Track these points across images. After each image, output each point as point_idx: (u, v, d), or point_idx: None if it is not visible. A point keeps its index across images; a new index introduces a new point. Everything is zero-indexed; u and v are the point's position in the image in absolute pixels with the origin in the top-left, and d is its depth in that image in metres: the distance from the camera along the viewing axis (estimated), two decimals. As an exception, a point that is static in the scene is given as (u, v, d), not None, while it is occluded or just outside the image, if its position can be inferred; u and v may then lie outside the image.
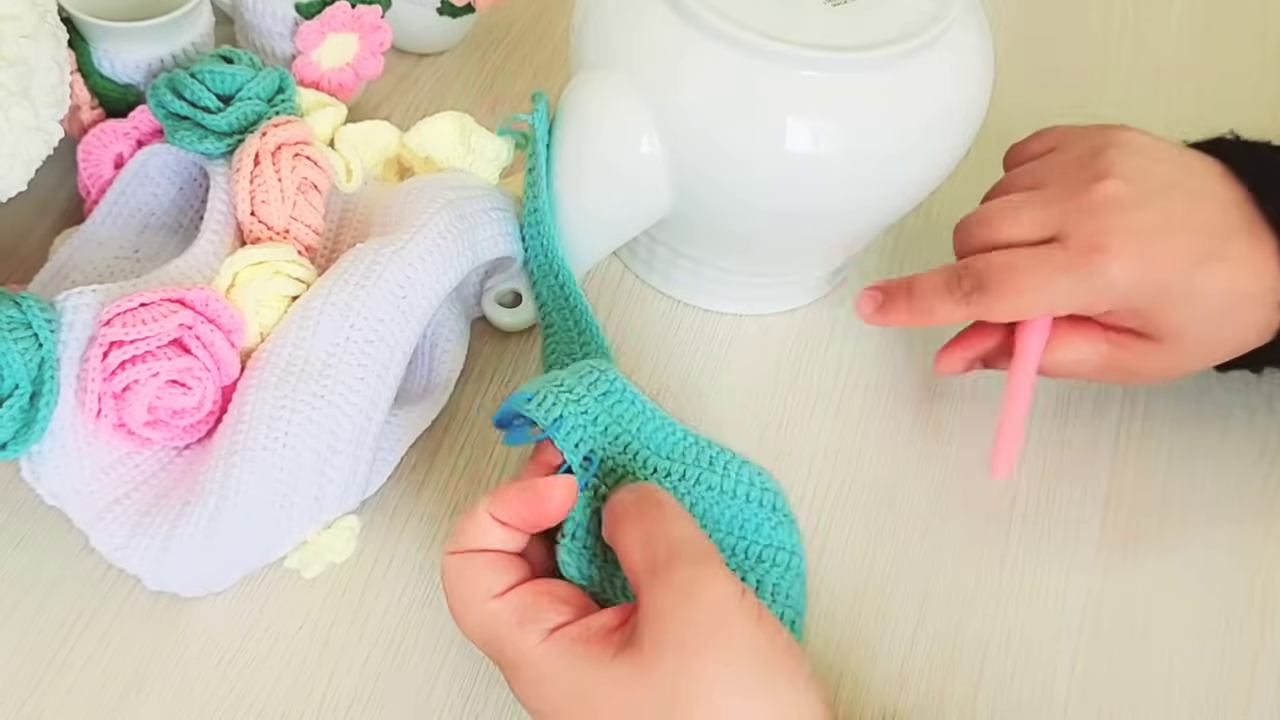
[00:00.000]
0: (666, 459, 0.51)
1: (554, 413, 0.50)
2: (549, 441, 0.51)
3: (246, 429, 0.51)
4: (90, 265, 0.59)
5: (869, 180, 0.56)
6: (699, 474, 0.51)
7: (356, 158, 0.61)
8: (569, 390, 0.51)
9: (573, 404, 0.50)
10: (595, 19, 0.59)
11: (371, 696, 0.52)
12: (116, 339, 0.51)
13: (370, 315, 0.53)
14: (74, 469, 0.52)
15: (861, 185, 0.56)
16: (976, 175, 0.61)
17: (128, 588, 0.53)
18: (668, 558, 0.44)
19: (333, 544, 0.54)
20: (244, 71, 0.60)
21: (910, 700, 0.53)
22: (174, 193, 0.62)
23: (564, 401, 0.50)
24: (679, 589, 0.43)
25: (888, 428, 0.62)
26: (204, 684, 0.52)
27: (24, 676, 0.51)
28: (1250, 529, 0.60)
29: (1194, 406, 0.64)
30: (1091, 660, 0.55)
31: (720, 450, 0.52)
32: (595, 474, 0.50)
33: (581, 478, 0.49)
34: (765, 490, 0.51)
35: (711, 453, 0.52)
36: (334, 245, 0.62)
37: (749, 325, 0.65)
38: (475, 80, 0.75)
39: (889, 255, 0.69)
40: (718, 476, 0.51)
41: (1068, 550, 0.58)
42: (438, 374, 0.60)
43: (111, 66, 0.62)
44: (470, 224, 0.58)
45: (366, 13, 0.66)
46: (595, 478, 0.50)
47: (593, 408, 0.51)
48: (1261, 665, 0.55)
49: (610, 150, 0.57)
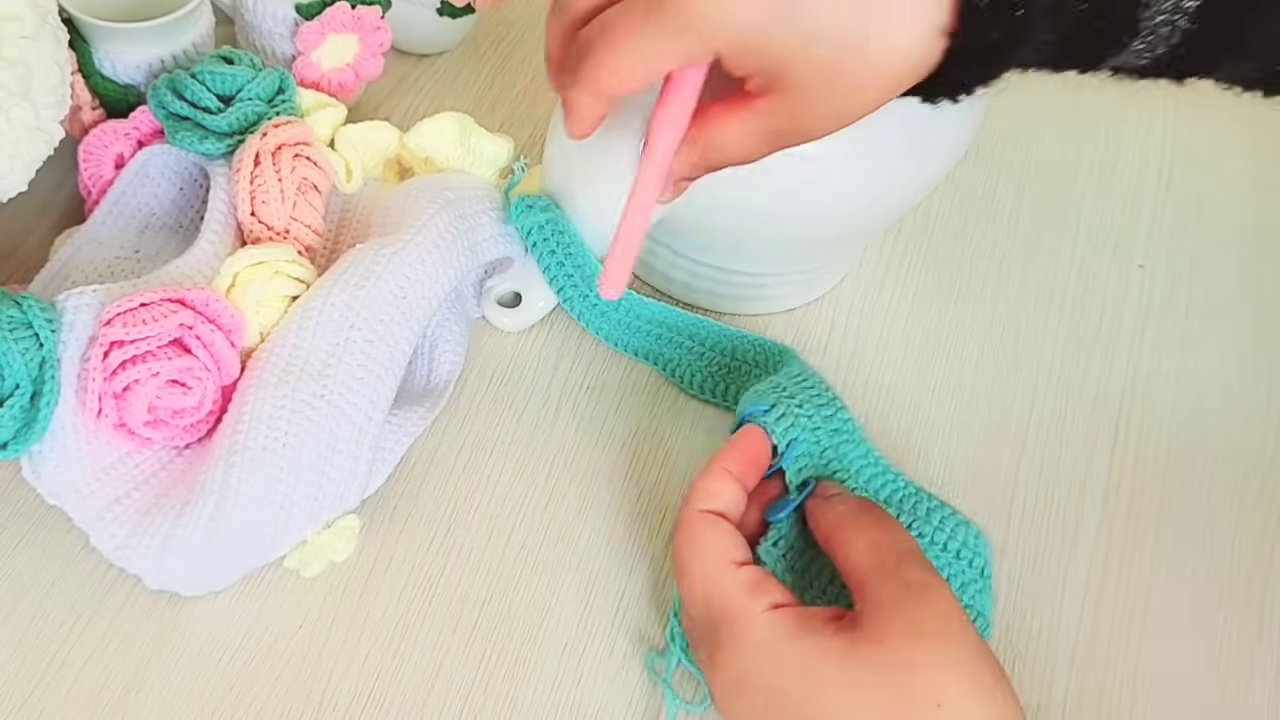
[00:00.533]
0: (884, 504, 0.54)
1: (790, 434, 0.53)
2: (755, 429, 0.54)
3: (246, 429, 0.51)
4: (91, 265, 0.59)
5: (869, 180, 0.56)
6: (912, 521, 0.53)
7: (356, 158, 0.61)
8: (800, 407, 0.54)
9: (807, 430, 0.53)
10: None
11: (371, 696, 0.52)
12: (117, 339, 0.51)
13: (370, 315, 0.53)
14: (74, 468, 0.52)
15: (861, 185, 0.56)
16: (975, 175, 0.61)
17: (128, 587, 0.54)
18: (896, 562, 0.47)
19: (332, 543, 0.54)
20: (244, 72, 0.60)
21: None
22: (174, 193, 0.62)
23: (800, 425, 0.53)
24: (909, 587, 0.46)
25: (887, 426, 0.62)
26: (204, 683, 0.52)
27: (25, 675, 0.51)
28: (1249, 528, 0.60)
29: (1191, 406, 0.64)
30: (1090, 658, 0.55)
31: (938, 504, 0.54)
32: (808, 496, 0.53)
33: (795, 499, 0.53)
34: (977, 553, 0.53)
35: (929, 505, 0.54)
36: (334, 246, 0.62)
37: (748, 325, 0.65)
38: (475, 81, 0.75)
39: (889, 255, 0.69)
40: (931, 528, 0.53)
41: (1066, 548, 0.58)
42: (437, 374, 0.60)
43: (112, 67, 0.62)
44: (470, 224, 0.58)
45: (366, 13, 0.66)
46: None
47: (824, 439, 0.54)
48: (1260, 663, 0.55)
49: (602, 155, 0.57)
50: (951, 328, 0.66)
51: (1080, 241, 0.71)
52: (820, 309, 0.66)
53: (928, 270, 0.68)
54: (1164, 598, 0.57)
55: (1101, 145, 0.76)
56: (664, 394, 0.62)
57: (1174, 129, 0.77)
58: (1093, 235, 0.71)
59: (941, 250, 0.69)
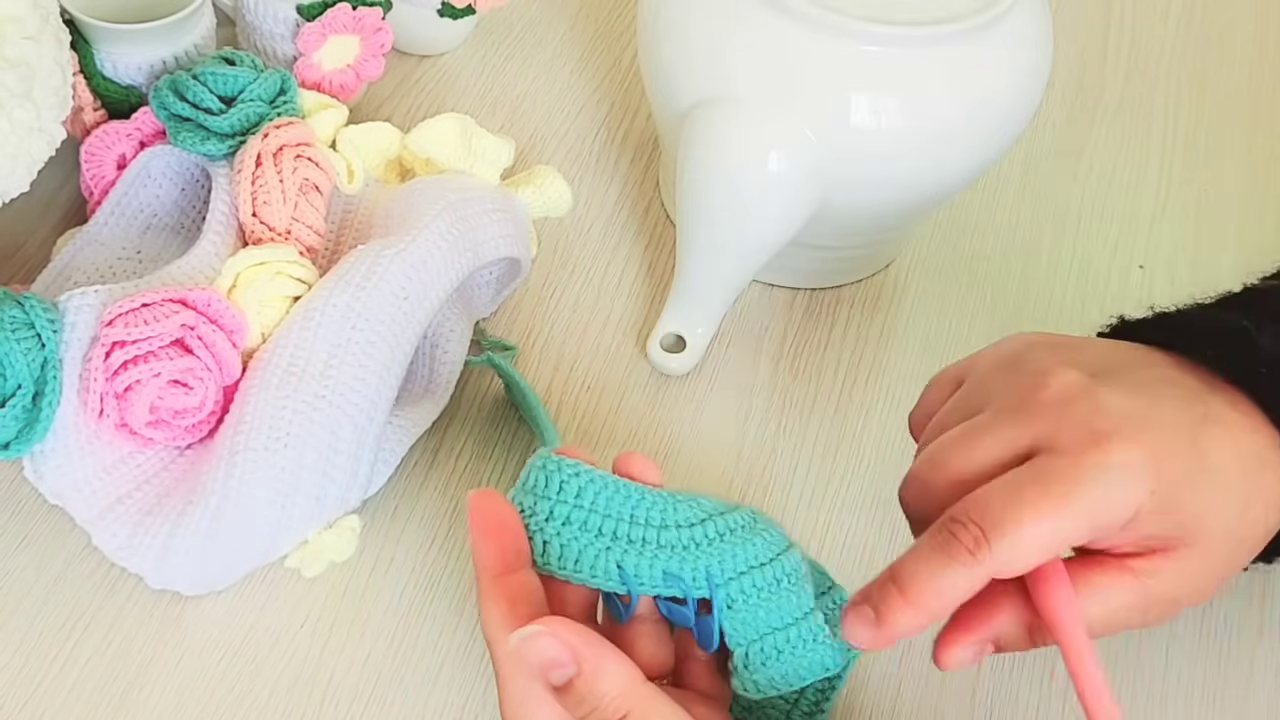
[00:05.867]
0: (785, 578, 0.45)
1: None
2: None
3: (248, 429, 0.51)
4: (93, 266, 0.60)
5: (929, 156, 0.58)
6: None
7: (358, 159, 0.61)
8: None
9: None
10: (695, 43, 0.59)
11: (371, 696, 0.52)
12: (119, 339, 0.51)
13: (371, 316, 0.53)
14: (76, 468, 0.52)
15: (920, 161, 0.58)
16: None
17: (130, 586, 0.54)
18: None
19: (334, 543, 0.54)
20: (246, 73, 0.60)
21: (909, 697, 0.54)
22: (176, 194, 0.62)
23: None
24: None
25: (887, 427, 0.62)
26: (205, 682, 0.52)
27: (27, 674, 0.51)
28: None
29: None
30: (1089, 659, 0.55)
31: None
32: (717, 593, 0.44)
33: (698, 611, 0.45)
34: None
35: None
36: (335, 246, 0.62)
37: (751, 321, 0.65)
38: (476, 82, 0.75)
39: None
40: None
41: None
42: (439, 374, 0.60)
43: (114, 68, 0.62)
44: (471, 225, 0.58)
45: (368, 14, 0.66)
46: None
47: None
48: (1259, 662, 0.56)
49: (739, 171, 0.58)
50: (951, 327, 0.66)
51: (1080, 241, 0.71)
52: (820, 308, 0.66)
53: (928, 270, 0.69)
54: (1164, 597, 0.57)
55: (1102, 145, 0.76)
56: (664, 393, 0.62)
57: (1174, 129, 0.77)
58: (1093, 235, 0.71)
59: (941, 250, 0.69)
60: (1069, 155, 0.75)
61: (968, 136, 0.59)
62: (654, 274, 0.67)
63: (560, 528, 0.44)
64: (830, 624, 0.46)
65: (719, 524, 0.44)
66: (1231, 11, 0.85)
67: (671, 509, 0.44)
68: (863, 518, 0.59)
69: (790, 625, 0.44)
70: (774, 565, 0.44)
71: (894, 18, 0.55)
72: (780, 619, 0.44)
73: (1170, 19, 0.85)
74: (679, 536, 0.44)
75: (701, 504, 0.45)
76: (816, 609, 0.45)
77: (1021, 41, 0.59)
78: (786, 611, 0.44)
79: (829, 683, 0.48)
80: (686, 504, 0.45)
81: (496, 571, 0.42)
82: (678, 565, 0.44)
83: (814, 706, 0.48)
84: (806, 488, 0.60)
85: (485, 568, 0.43)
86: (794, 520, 0.58)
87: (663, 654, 0.45)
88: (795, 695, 0.49)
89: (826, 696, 0.48)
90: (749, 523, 0.45)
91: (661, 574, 0.44)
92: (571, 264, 0.67)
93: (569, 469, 0.44)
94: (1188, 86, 0.80)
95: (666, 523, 0.44)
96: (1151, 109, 0.78)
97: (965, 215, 0.71)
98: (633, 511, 0.44)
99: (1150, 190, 0.74)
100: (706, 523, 0.44)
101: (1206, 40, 0.83)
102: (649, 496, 0.44)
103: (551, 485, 0.44)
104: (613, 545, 0.44)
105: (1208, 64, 0.82)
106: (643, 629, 0.45)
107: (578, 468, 0.44)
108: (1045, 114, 0.76)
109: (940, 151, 0.59)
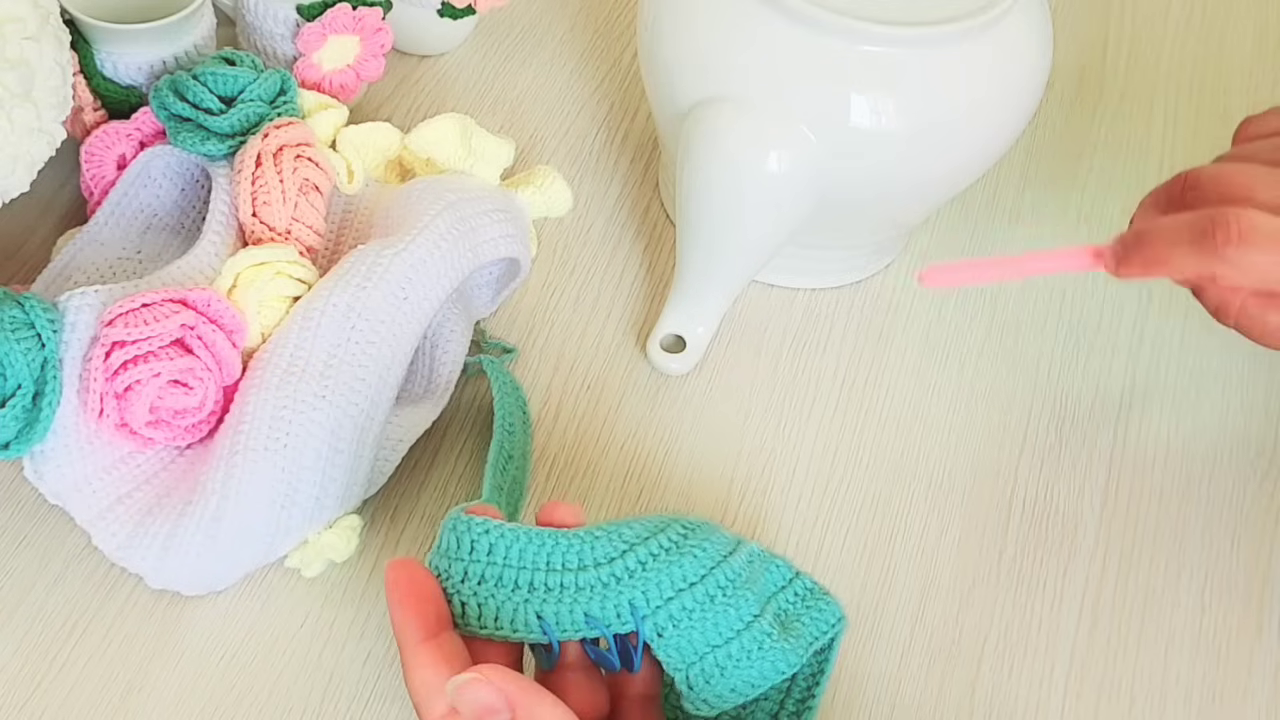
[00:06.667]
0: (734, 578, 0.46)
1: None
2: None
3: (248, 429, 0.51)
4: (93, 266, 0.60)
5: (928, 156, 0.58)
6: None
7: (358, 159, 0.61)
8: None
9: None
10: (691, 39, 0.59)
11: (371, 696, 0.52)
12: (119, 339, 0.51)
13: (372, 316, 0.53)
14: (76, 468, 0.52)
15: (920, 161, 0.58)
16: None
17: (130, 586, 0.54)
18: None
19: (334, 543, 0.54)
20: (246, 73, 0.60)
21: (908, 696, 0.54)
22: (176, 194, 0.62)
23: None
24: None
25: (886, 426, 0.62)
26: (205, 682, 0.52)
27: (26, 675, 0.51)
28: (1248, 528, 0.60)
29: (1191, 405, 0.64)
30: (1089, 656, 0.55)
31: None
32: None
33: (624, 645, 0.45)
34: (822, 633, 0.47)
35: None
36: (335, 246, 0.62)
37: (751, 321, 0.65)
38: (476, 82, 0.75)
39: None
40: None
41: (1065, 547, 0.58)
42: (439, 375, 0.60)
43: (114, 68, 0.62)
44: (471, 226, 0.58)
45: (368, 15, 0.66)
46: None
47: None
48: (1258, 661, 0.56)
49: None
50: (951, 327, 0.66)
51: (1080, 241, 0.71)
52: (819, 308, 0.66)
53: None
54: (1164, 598, 0.57)
55: (1102, 144, 0.76)
56: (664, 393, 0.62)
57: (1174, 129, 0.77)
58: (1093, 235, 0.71)
59: (941, 250, 0.69)
60: (1069, 155, 0.75)
61: (968, 136, 0.59)
62: (654, 274, 0.67)
63: (476, 587, 0.44)
64: (790, 617, 0.46)
65: (640, 553, 0.44)
66: (1231, 11, 0.85)
67: (589, 548, 0.44)
68: (863, 518, 0.59)
69: (731, 639, 0.44)
70: (705, 583, 0.44)
71: (894, 18, 0.55)
72: (719, 635, 0.44)
73: (1170, 19, 0.85)
74: (598, 575, 0.44)
75: (624, 534, 0.44)
76: (765, 612, 0.45)
77: (1022, 41, 0.59)
78: (725, 626, 0.44)
79: (813, 678, 0.49)
80: (606, 539, 0.44)
81: (419, 637, 0.43)
82: (599, 605, 0.43)
83: (800, 705, 0.48)
84: (806, 488, 0.60)
85: (406, 635, 0.43)
86: (794, 520, 0.58)
87: (597, 698, 0.45)
88: (781, 695, 0.49)
89: (812, 693, 0.48)
90: (676, 543, 0.44)
91: (583, 617, 0.43)
92: (571, 264, 0.67)
93: (478, 528, 0.44)
94: (1188, 86, 0.80)
95: (584, 563, 0.44)
96: (1151, 109, 0.78)
97: (965, 215, 0.71)
98: (548, 559, 0.44)
99: (1150, 189, 0.74)
100: (628, 554, 0.44)
101: (1206, 40, 0.83)
102: (564, 540, 0.44)
103: (463, 546, 0.44)
104: (530, 597, 0.44)
105: (1208, 64, 0.82)
106: (574, 676, 0.45)
107: (486, 525, 0.44)
108: (1045, 114, 0.76)
109: (940, 151, 0.59)
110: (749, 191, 0.58)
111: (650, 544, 0.44)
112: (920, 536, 0.58)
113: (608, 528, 0.45)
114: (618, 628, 0.44)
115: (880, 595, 0.56)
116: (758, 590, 0.46)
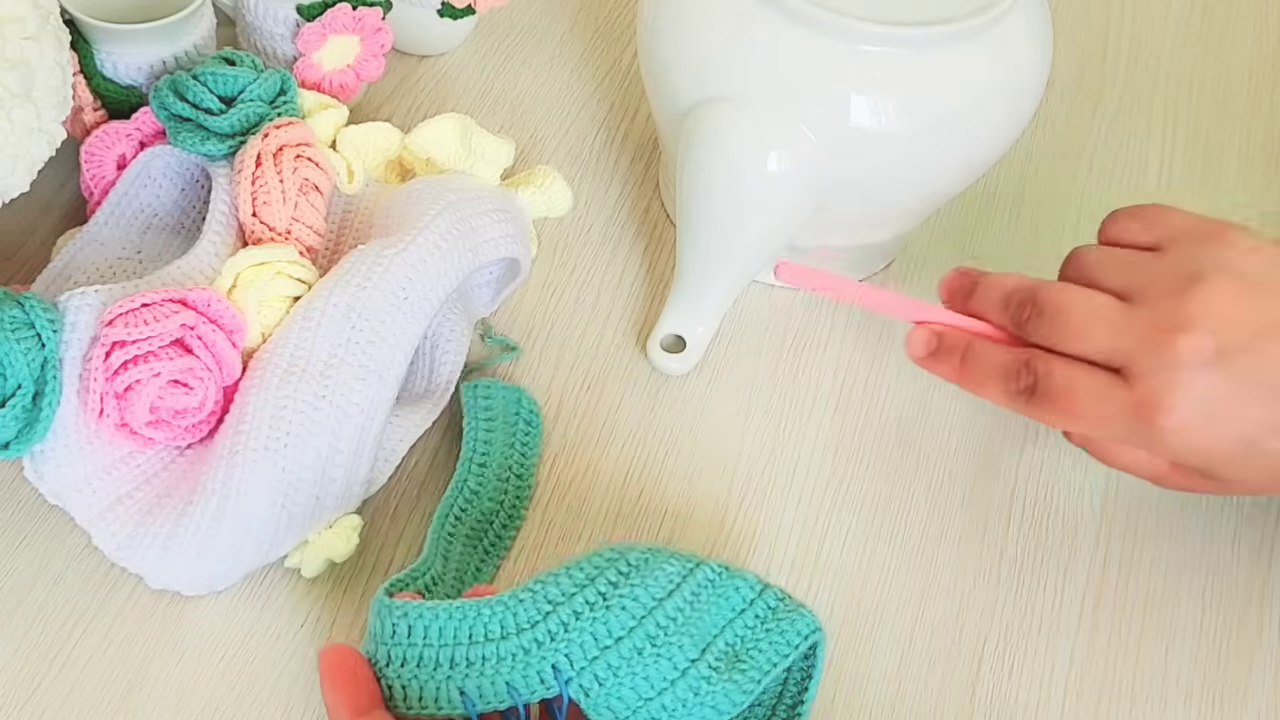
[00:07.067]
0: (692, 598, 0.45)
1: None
2: None
3: (248, 429, 0.51)
4: (93, 266, 0.60)
5: (928, 156, 0.58)
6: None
7: (358, 159, 0.61)
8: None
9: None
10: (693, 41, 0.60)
11: (372, 695, 0.52)
12: (119, 339, 0.51)
13: (372, 316, 0.53)
14: (76, 468, 0.52)
15: (920, 161, 0.58)
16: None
17: (130, 587, 0.54)
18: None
19: (333, 543, 0.54)
20: (246, 73, 0.60)
21: (908, 696, 0.54)
22: (176, 194, 0.62)
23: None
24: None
25: (887, 426, 0.62)
26: (205, 682, 0.52)
27: (27, 675, 0.51)
28: (1249, 528, 0.60)
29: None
30: (1089, 656, 0.55)
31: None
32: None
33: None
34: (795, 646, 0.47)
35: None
36: (335, 246, 0.62)
37: (750, 321, 0.65)
38: (476, 82, 0.75)
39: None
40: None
41: (1065, 547, 0.58)
42: (439, 375, 0.60)
43: (114, 68, 0.62)
44: (471, 226, 0.58)
45: (368, 15, 0.66)
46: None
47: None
48: (1258, 661, 0.56)
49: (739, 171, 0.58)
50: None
51: (1080, 241, 0.71)
52: (820, 308, 0.66)
53: (928, 270, 0.69)
54: (1164, 598, 0.57)
55: (1102, 145, 0.76)
56: (664, 393, 0.62)
57: (1174, 129, 0.77)
58: (1092, 235, 0.71)
59: (941, 250, 0.69)
60: (1069, 155, 0.75)
61: (967, 136, 0.59)
62: (654, 274, 0.67)
63: (399, 669, 0.44)
64: (746, 645, 0.45)
65: (563, 613, 0.43)
66: (1231, 11, 0.85)
67: (511, 615, 0.44)
68: (863, 518, 0.59)
69: (665, 690, 0.43)
70: (633, 635, 0.43)
71: (893, 18, 0.55)
72: (650, 687, 0.43)
73: (1170, 19, 0.85)
74: (520, 642, 0.43)
75: (549, 593, 0.44)
76: (706, 653, 0.44)
77: (1021, 41, 0.59)
78: (657, 677, 0.43)
79: (801, 683, 0.48)
80: (531, 600, 0.44)
81: (348, 715, 0.43)
82: (520, 674, 0.43)
83: (790, 711, 0.48)
84: (806, 488, 0.60)
85: (338, 714, 0.43)
86: (794, 520, 0.58)
87: None
88: (773, 701, 0.49)
89: (800, 699, 0.48)
90: (604, 594, 0.44)
91: (505, 687, 0.43)
92: (571, 264, 0.67)
93: (397, 611, 0.44)
94: (1188, 86, 0.80)
95: (507, 631, 0.43)
96: (1151, 109, 0.78)
97: (965, 215, 0.71)
98: (470, 631, 0.44)
99: (1150, 190, 0.74)
100: (550, 616, 0.43)
101: (1206, 40, 0.83)
102: (486, 609, 0.44)
103: (386, 629, 0.45)
104: (452, 673, 0.43)
105: (1208, 63, 0.82)
106: None
107: (405, 608, 0.44)
108: (1045, 114, 0.76)
109: (940, 152, 0.59)
110: (749, 192, 0.58)
111: (576, 600, 0.44)
112: (920, 536, 0.58)
113: (534, 587, 0.44)
114: (542, 693, 0.43)
115: (880, 595, 0.56)
116: (700, 629, 0.45)
